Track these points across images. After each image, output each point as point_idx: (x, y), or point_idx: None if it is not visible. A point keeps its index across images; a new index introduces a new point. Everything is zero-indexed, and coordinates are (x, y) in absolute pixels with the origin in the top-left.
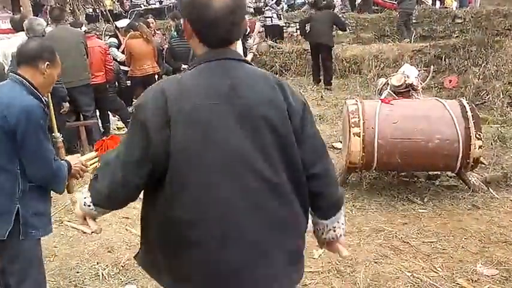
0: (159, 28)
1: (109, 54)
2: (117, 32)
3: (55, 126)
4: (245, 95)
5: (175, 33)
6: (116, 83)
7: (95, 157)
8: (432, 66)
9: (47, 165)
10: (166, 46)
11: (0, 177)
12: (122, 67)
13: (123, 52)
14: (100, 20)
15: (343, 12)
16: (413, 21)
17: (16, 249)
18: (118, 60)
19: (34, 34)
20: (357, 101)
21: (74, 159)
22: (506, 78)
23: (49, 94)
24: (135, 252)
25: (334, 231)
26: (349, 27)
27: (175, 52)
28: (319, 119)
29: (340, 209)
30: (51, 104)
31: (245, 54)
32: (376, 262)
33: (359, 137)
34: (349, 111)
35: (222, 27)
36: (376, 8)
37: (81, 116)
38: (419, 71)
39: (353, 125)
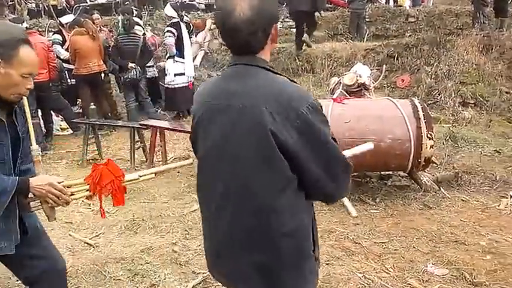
0: (105, 24)
1: (52, 51)
2: (61, 28)
3: (32, 136)
4: (241, 101)
5: (122, 29)
6: (60, 81)
7: (83, 184)
8: (385, 66)
9: None
10: (113, 43)
11: None
12: (66, 65)
13: (67, 49)
14: (43, 16)
15: None
16: (367, 19)
17: None
18: (62, 58)
19: None
20: None
21: (40, 180)
22: (457, 77)
23: (24, 98)
24: (79, 258)
25: None
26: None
27: (122, 49)
28: None
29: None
30: (27, 111)
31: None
32: (327, 264)
33: None
34: None
35: (240, 36)
36: (330, 5)
37: None
38: (371, 70)
39: None
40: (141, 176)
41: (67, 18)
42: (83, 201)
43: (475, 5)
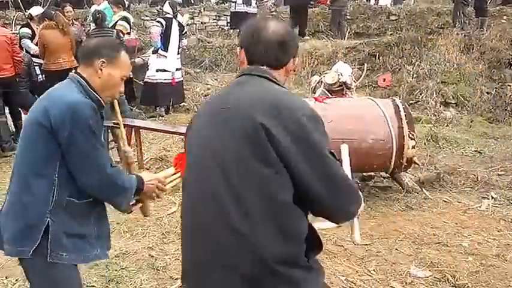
0: (77, 18)
1: (16, 44)
2: (29, 21)
3: (125, 139)
4: (236, 103)
5: (93, 23)
6: (28, 77)
7: (174, 173)
8: (366, 64)
9: (97, 170)
10: (85, 38)
11: (34, 182)
12: (36, 59)
13: (37, 44)
14: (10, 7)
15: (276, 6)
16: (348, 17)
17: (42, 273)
18: (31, 52)
19: None
20: None
21: (148, 176)
22: (439, 77)
23: (115, 101)
24: None
25: None
26: (282, 20)
27: None
28: None
29: None
30: (118, 112)
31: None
32: None
33: None
34: None
35: (264, 44)
36: (311, 3)
37: None
38: (353, 68)
39: None
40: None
41: (36, 10)
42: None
43: (456, 4)
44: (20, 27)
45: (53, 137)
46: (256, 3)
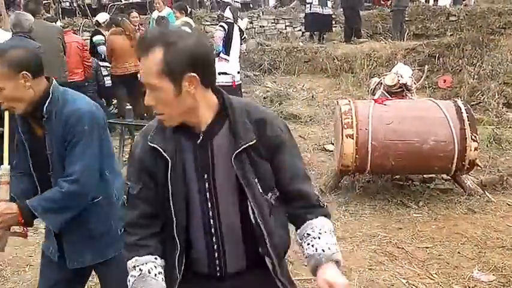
0: (142, 23)
1: (86, 50)
2: (99, 28)
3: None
4: None
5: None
6: (95, 81)
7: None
8: (426, 66)
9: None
10: None
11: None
12: (103, 63)
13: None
14: (77, 15)
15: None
16: (406, 19)
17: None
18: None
19: (22, 30)
20: (349, 101)
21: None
22: (501, 78)
23: (6, 112)
24: None
25: None
26: (340, 24)
27: None
28: (310, 119)
29: None
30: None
31: None
32: (370, 269)
33: (352, 138)
34: (341, 111)
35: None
36: (368, 4)
37: None
38: (413, 70)
39: (346, 126)
40: None
41: (102, 17)
42: None
43: None
44: (92, 35)
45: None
46: (332, 5)
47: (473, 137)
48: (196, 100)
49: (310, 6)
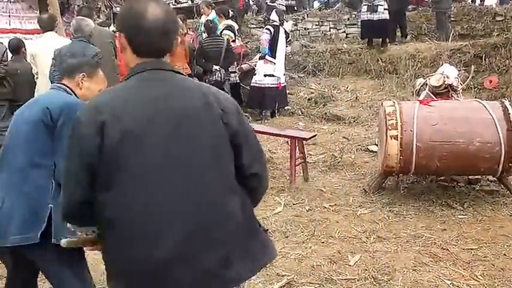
0: (189, 27)
1: None
2: None
3: None
4: (179, 102)
5: (204, 33)
6: None
7: None
8: (472, 66)
9: None
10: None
11: (35, 172)
12: None
13: None
14: None
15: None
16: (452, 19)
17: (51, 255)
18: None
19: (82, 35)
20: (394, 102)
21: None
22: None
23: None
24: None
25: None
26: None
27: (206, 52)
28: (354, 120)
29: None
30: None
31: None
32: (414, 270)
33: (396, 139)
34: (386, 112)
35: (155, 38)
36: (414, 6)
37: None
38: (459, 71)
39: (390, 127)
40: None
41: None
42: None
43: None
44: None
45: (51, 132)
46: (384, 9)
47: None
48: None
49: (361, 14)
